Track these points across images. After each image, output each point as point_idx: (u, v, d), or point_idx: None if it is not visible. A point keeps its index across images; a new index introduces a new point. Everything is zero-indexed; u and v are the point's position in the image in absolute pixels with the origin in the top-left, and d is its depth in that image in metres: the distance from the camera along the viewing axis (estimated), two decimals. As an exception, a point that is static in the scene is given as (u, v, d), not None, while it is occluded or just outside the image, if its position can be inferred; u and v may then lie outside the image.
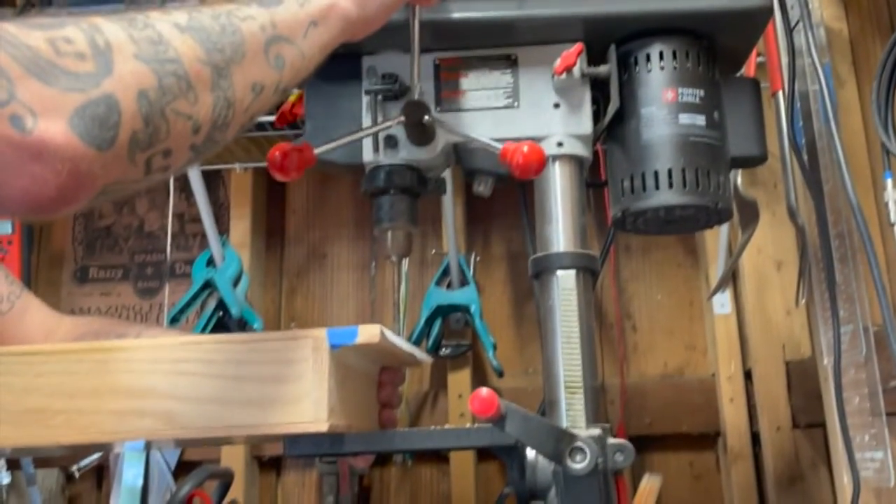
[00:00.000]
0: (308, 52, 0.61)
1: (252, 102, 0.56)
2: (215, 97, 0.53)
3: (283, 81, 0.59)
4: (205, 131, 0.53)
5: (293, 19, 0.60)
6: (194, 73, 0.51)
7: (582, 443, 0.65)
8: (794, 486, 1.32)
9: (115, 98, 0.46)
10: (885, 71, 0.91)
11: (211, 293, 1.46)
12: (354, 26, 0.66)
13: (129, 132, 0.47)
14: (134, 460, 1.42)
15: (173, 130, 0.50)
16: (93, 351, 0.67)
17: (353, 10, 0.65)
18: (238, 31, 0.55)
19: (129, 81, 0.47)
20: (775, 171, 1.35)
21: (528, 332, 1.55)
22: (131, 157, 0.48)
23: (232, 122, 0.55)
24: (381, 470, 1.51)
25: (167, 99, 0.49)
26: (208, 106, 0.52)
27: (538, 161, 0.71)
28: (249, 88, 0.56)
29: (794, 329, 1.38)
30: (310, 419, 0.64)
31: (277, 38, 0.58)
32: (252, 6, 0.58)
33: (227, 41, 0.54)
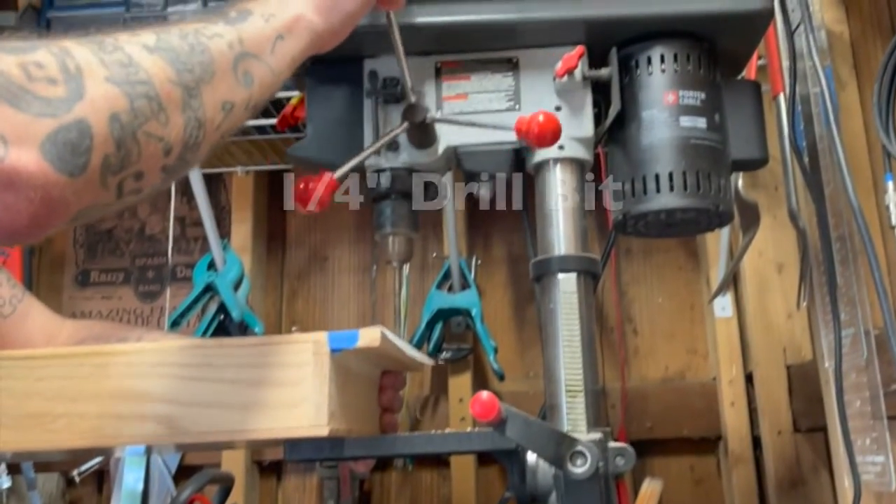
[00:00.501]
0: (276, 67, 0.61)
1: (223, 121, 0.56)
2: (186, 118, 0.53)
3: (252, 98, 0.59)
4: (176, 152, 0.52)
5: (259, 35, 0.60)
6: (165, 94, 0.51)
7: (583, 447, 0.65)
8: (796, 490, 1.32)
9: (87, 122, 0.46)
10: (886, 74, 0.91)
11: (212, 297, 1.46)
12: (322, 38, 0.66)
13: (101, 156, 0.47)
14: (134, 465, 1.42)
15: (145, 153, 0.50)
16: (94, 355, 0.67)
17: (318, 22, 0.65)
18: (206, 50, 0.55)
19: (101, 105, 0.47)
20: (776, 174, 1.35)
21: (528, 336, 1.54)
22: (103, 182, 0.48)
23: (203, 142, 0.55)
24: (381, 474, 1.51)
25: (139, 121, 0.49)
26: (179, 127, 0.52)
27: (553, 129, 0.70)
28: (220, 107, 0.55)
29: (795, 332, 1.38)
30: (310, 423, 0.63)
31: (245, 55, 0.58)
32: (218, 24, 0.58)
33: (196, 60, 0.54)
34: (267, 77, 0.60)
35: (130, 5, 1.37)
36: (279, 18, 0.62)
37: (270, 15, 0.61)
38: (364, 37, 0.82)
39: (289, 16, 0.62)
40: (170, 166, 0.53)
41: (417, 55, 0.84)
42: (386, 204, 0.84)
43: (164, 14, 1.35)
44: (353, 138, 0.84)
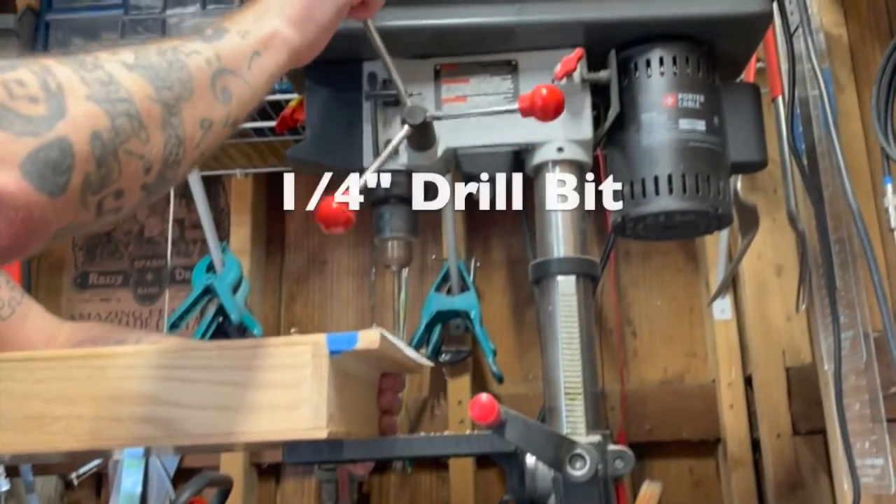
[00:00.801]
0: (254, 83, 0.61)
1: (202, 138, 0.56)
2: (167, 135, 0.52)
3: (231, 115, 0.59)
4: (156, 170, 0.52)
5: (236, 51, 0.60)
6: (146, 112, 0.51)
7: (582, 449, 0.65)
8: (795, 493, 1.32)
9: (68, 141, 0.46)
10: (884, 76, 0.91)
11: (211, 299, 1.46)
12: (299, 52, 0.66)
13: (81, 175, 0.47)
14: (133, 467, 1.42)
15: (125, 171, 0.49)
16: (92, 357, 0.67)
17: (294, 36, 0.65)
18: (185, 67, 0.55)
19: (83, 123, 0.47)
20: (775, 177, 1.35)
21: (527, 338, 1.54)
22: (83, 201, 0.47)
23: (183, 160, 0.55)
24: (380, 477, 1.51)
25: (120, 139, 0.49)
26: (160, 145, 0.52)
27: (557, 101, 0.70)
28: (199, 124, 0.55)
29: (794, 335, 1.38)
30: (309, 426, 0.63)
31: (223, 72, 0.58)
32: (195, 41, 0.58)
33: (175, 77, 0.54)
34: (245, 93, 0.60)
35: (129, 7, 1.37)
36: (255, 35, 0.62)
37: (246, 31, 0.61)
38: (363, 39, 0.82)
39: (265, 32, 0.62)
40: (150, 184, 0.52)
41: (416, 58, 0.85)
42: (385, 208, 0.84)
43: (163, 17, 1.36)
44: (352, 140, 0.84)
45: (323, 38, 0.68)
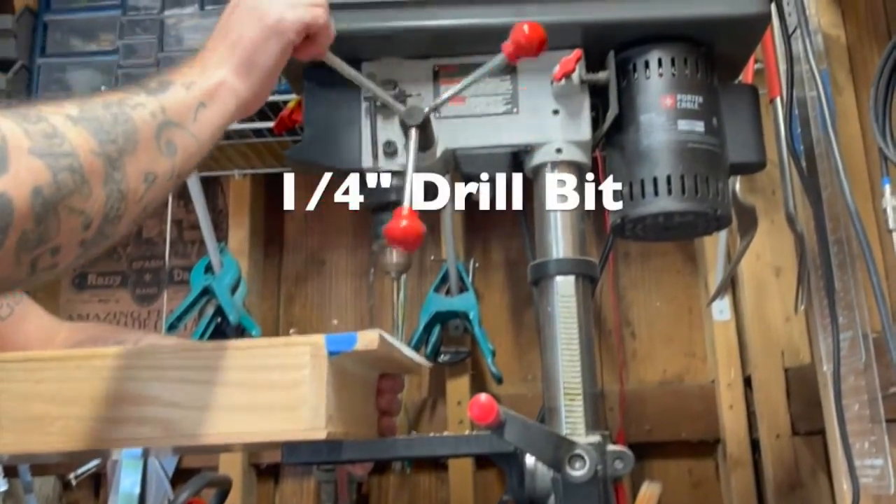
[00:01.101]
0: (200, 135, 0.60)
1: (145, 192, 0.55)
2: (108, 190, 0.51)
3: (175, 168, 0.58)
4: (96, 226, 0.51)
5: (181, 103, 0.59)
6: (88, 166, 0.50)
7: (581, 450, 0.65)
8: (794, 493, 1.32)
9: (7, 197, 0.45)
10: (882, 77, 0.91)
11: (209, 300, 1.46)
12: (246, 101, 0.65)
13: (18, 233, 0.46)
14: (131, 468, 1.42)
15: (64, 227, 0.48)
16: (91, 358, 0.67)
17: (240, 85, 0.64)
18: (129, 120, 0.54)
19: (25, 178, 0.46)
20: (774, 178, 1.35)
21: (526, 339, 1.54)
22: (17, 259, 0.46)
23: (124, 215, 0.54)
24: (379, 477, 1.51)
25: (61, 195, 0.48)
26: (101, 200, 0.51)
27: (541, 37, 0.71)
28: (142, 178, 0.54)
29: (793, 336, 1.38)
30: (308, 426, 0.63)
31: (168, 124, 0.57)
32: (140, 94, 0.57)
33: (120, 131, 0.53)
34: (191, 145, 0.59)
35: (127, 8, 1.37)
36: (200, 86, 0.61)
37: (191, 83, 0.61)
38: (362, 40, 0.82)
39: (210, 83, 0.62)
40: (88, 240, 0.51)
41: (415, 58, 0.85)
42: (385, 215, 0.83)
43: (161, 17, 1.36)
44: (350, 141, 0.84)
45: (269, 83, 0.68)
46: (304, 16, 0.68)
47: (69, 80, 1.35)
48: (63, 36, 1.38)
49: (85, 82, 1.35)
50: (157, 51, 1.34)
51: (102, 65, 1.35)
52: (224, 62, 0.64)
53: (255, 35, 0.66)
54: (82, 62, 1.36)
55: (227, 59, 0.64)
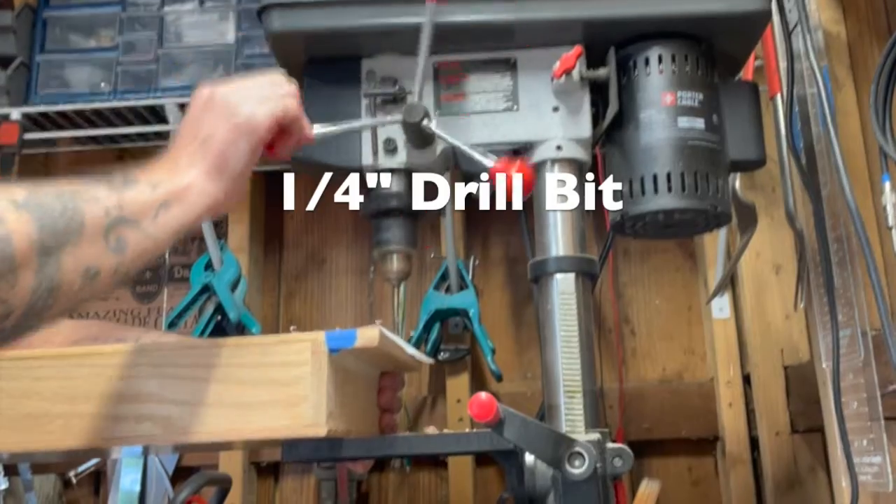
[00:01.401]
0: (157, 235, 0.59)
1: (82, 287, 0.54)
2: (37, 281, 0.50)
3: (123, 265, 0.57)
4: (16, 316, 0.50)
5: (142, 201, 0.58)
6: (21, 254, 0.49)
7: (580, 448, 0.65)
8: (793, 490, 1.32)
9: None
10: (882, 74, 0.91)
11: (209, 297, 1.46)
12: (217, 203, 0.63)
13: None
14: (131, 466, 1.42)
15: None
16: (91, 355, 0.67)
17: (210, 187, 0.63)
18: (78, 213, 0.53)
19: None
20: (774, 175, 1.35)
21: (526, 337, 1.54)
22: None
23: (53, 307, 0.52)
24: (379, 475, 1.51)
25: None
26: (27, 290, 0.50)
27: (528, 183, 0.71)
28: (80, 273, 0.53)
29: (792, 333, 1.38)
30: (308, 423, 0.63)
31: (121, 221, 0.56)
32: (100, 188, 0.57)
33: (65, 222, 0.52)
34: (144, 244, 0.58)
35: (126, 4, 1.37)
36: (166, 186, 0.60)
37: (158, 183, 0.60)
38: (362, 37, 0.82)
39: (178, 184, 0.61)
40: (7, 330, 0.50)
41: (416, 55, 0.84)
42: (385, 221, 0.83)
43: (161, 14, 1.35)
44: (350, 138, 0.84)
45: (241, 184, 0.65)
46: (275, 110, 0.66)
47: (69, 77, 1.35)
48: (62, 32, 1.38)
49: (84, 79, 1.35)
50: (156, 47, 1.34)
51: (102, 61, 1.35)
52: (195, 163, 0.63)
53: (226, 135, 0.64)
54: (82, 59, 1.36)
55: (198, 160, 0.63)
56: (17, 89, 1.34)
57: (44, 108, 1.34)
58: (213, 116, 0.65)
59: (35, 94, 1.35)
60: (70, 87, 1.35)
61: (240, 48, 1.32)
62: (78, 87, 1.35)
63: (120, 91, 1.34)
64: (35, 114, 1.35)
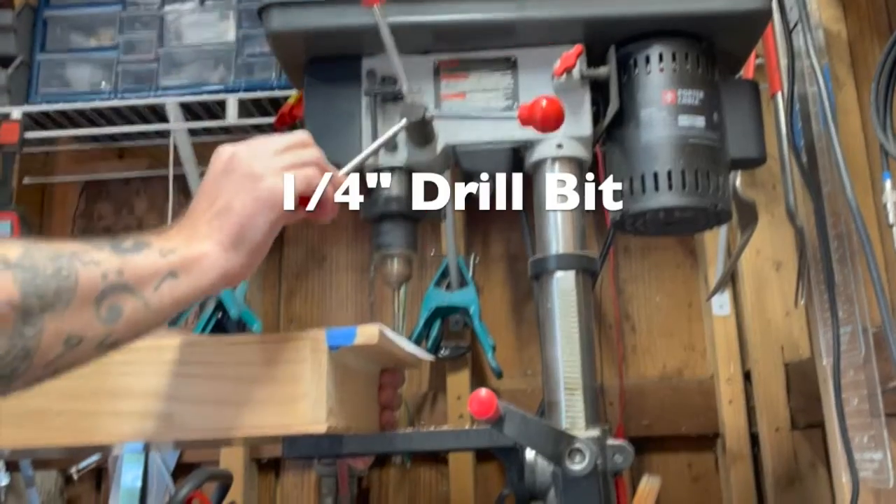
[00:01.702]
0: (156, 305, 0.56)
1: (62, 354, 0.51)
2: (11, 344, 0.48)
3: (113, 335, 0.54)
4: None
5: (147, 269, 0.55)
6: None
7: (581, 444, 0.65)
8: (793, 486, 1.32)
9: None
10: (883, 72, 0.91)
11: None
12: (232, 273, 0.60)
13: None
14: (133, 462, 1.42)
15: None
16: (92, 352, 0.67)
17: (226, 260, 0.60)
18: (72, 276, 0.51)
19: None
20: (774, 173, 1.35)
21: (527, 334, 1.54)
22: None
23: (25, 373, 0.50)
24: (379, 471, 1.51)
25: None
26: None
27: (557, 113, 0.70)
28: (62, 340, 0.51)
29: (793, 330, 1.38)
30: (308, 420, 0.64)
31: (118, 288, 0.53)
32: (104, 251, 0.54)
33: (54, 286, 0.50)
34: (140, 314, 0.55)
35: (127, 3, 1.37)
36: (178, 255, 0.58)
37: (170, 251, 0.58)
38: (362, 36, 0.82)
39: (191, 254, 0.58)
40: None
41: (416, 54, 0.85)
42: (386, 224, 0.84)
43: (161, 13, 1.35)
44: (351, 136, 0.84)
45: (259, 256, 0.62)
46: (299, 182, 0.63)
47: (69, 76, 1.36)
48: (63, 32, 1.38)
49: (85, 78, 1.35)
50: (156, 46, 1.34)
51: (102, 60, 1.35)
52: (212, 233, 0.60)
53: (246, 207, 0.61)
54: (82, 58, 1.36)
55: (214, 231, 0.60)
56: (18, 88, 1.34)
57: (44, 108, 1.34)
58: (234, 184, 0.62)
59: (36, 94, 1.35)
60: (71, 86, 1.35)
61: (240, 47, 1.32)
62: (78, 86, 1.35)
63: (120, 90, 1.34)
64: (36, 113, 1.35)
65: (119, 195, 1.66)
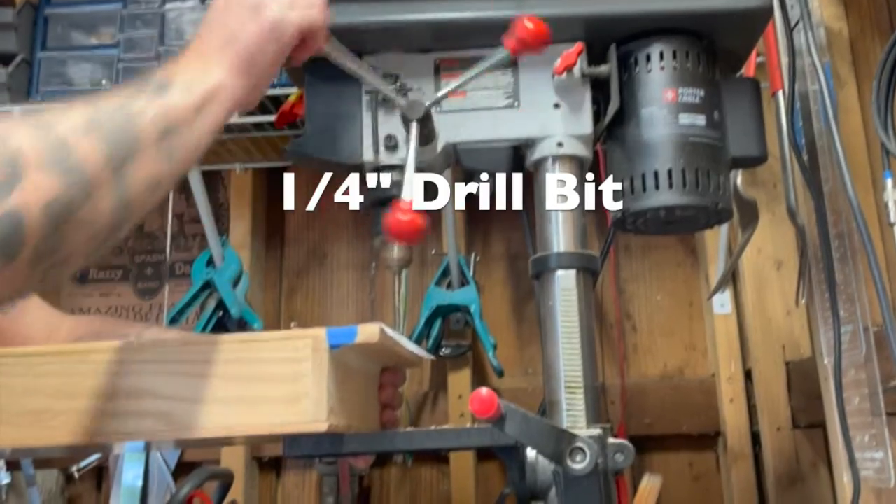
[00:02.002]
0: (197, 139, 0.60)
1: (148, 199, 0.56)
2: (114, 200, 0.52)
3: (175, 172, 0.59)
4: (103, 236, 0.52)
5: (182, 107, 0.59)
6: (95, 179, 0.50)
7: (582, 443, 0.65)
8: (794, 486, 1.32)
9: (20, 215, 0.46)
10: (884, 71, 0.91)
11: (211, 293, 1.46)
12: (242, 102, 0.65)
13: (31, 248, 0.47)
14: (134, 461, 1.42)
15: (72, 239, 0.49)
16: (93, 352, 0.67)
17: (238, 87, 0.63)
18: (134, 128, 0.54)
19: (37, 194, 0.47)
20: (775, 172, 1.35)
21: (527, 333, 1.55)
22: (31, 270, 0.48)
23: (128, 222, 0.55)
24: (380, 470, 1.51)
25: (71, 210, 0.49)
26: (107, 212, 0.52)
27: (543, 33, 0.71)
28: (146, 185, 0.55)
29: (794, 329, 1.38)
30: (309, 419, 0.64)
31: (168, 130, 0.57)
32: (141, 98, 0.57)
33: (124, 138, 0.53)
34: (190, 149, 0.59)
35: (128, 1, 1.37)
36: (200, 88, 0.61)
37: (191, 84, 0.60)
38: (362, 34, 0.82)
39: (209, 85, 0.61)
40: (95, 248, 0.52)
41: (416, 52, 0.84)
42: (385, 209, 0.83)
43: (162, 11, 1.35)
44: (351, 135, 0.84)
45: (265, 83, 0.67)
46: (301, 21, 0.67)
47: (70, 74, 1.35)
48: (64, 30, 1.38)
49: (85, 76, 1.35)
50: (157, 44, 1.34)
51: (103, 58, 1.35)
52: (223, 61, 0.63)
53: (254, 35, 0.64)
54: (83, 56, 1.36)
55: (225, 59, 0.63)
56: (19, 86, 1.34)
57: (45, 106, 1.34)
58: (241, 16, 0.65)
59: (36, 92, 1.35)
60: (72, 84, 1.35)
61: (241, 45, 1.32)
62: (79, 84, 1.35)
63: (121, 88, 1.34)
64: (36, 111, 1.35)
65: (120, 194, 1.66)
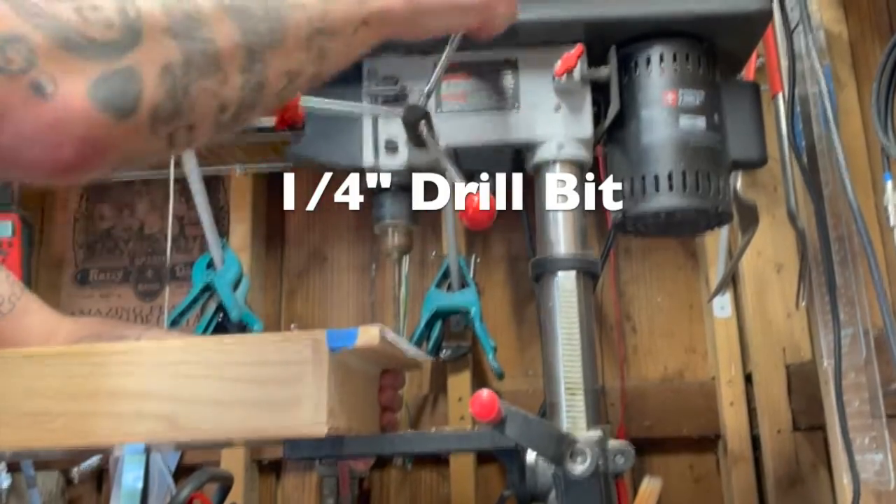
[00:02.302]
0: (352, 50, 0.61)
1: (284, 88, 0.56)
2: (245, 79, 0.53)
3: (321, 73, 0.59)
4: (232, 111, 0.53)
5: (345, 15, 0.59)
6: (227, 54, 0.51)
7: (582, 445, 0.65)
8: (795, 488, 1.32)
9: (137, 71, 0.47)
10: (884, 73, 0.91)
11: (211, 296, 1.46)
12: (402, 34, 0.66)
13: (150, 106, 0.48)
14: (134, 463, 1.42)
15: (198, 107, 0.50)
16: (93, 354, 0.67)
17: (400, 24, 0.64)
18: (281, 19, 0.55)
19: (154, 56, 0.48)
20: (775, 174, 1.35)
21: (528, 335, 1.54)
22: (153, 129, 0.49)
23: (260, 104, 0.55)
24: (380, 473, 1.51)
25: (193, 76, 0.49)
26: (237, 87, 0.52)
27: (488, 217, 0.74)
28: (283, 74, 0.56)
29: (794, 332, 1.38)
30: (309, 422, 0.64)
31: (323, 32, 0.57)
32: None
33: (268, 26, 0.54)
34: (340, 56, 0.60)
35: None
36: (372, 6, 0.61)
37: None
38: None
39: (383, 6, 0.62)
40: (224, 122, 0.53)
41: (416, 54, 0.85)
42: (385, 196, 0.84)
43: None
44: (352, 137, 0.84)
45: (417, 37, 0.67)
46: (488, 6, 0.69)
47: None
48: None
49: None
50: None
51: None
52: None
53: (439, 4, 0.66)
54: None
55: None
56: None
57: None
58: None
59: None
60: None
61: (242, 47, 1.32)
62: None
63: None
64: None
65: (120, 196, 1.66)
